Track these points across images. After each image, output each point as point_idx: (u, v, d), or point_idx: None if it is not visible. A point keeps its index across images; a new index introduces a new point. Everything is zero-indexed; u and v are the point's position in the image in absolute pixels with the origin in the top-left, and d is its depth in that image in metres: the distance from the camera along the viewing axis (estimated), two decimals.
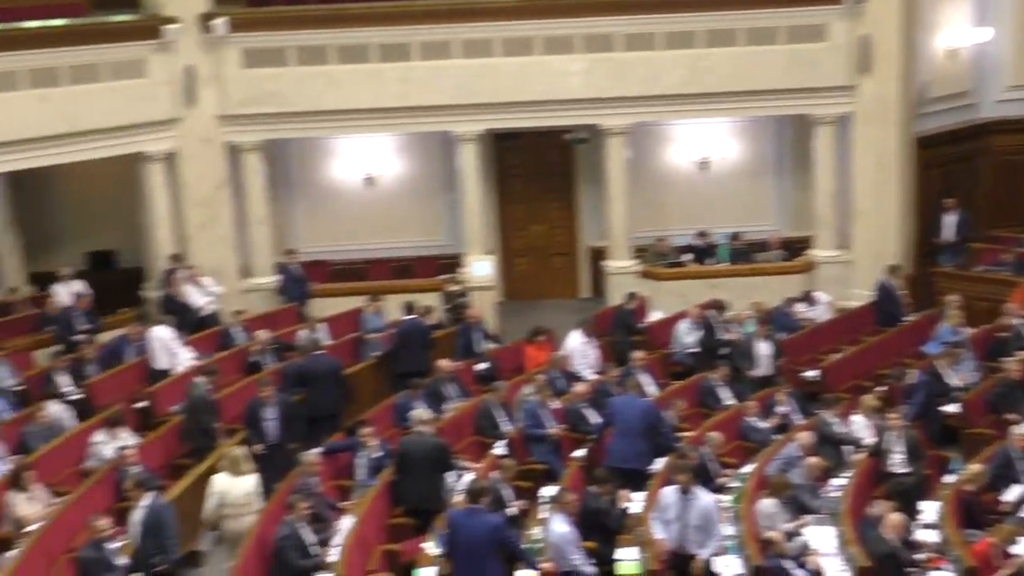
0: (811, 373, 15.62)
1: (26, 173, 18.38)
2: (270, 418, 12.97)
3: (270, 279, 18.71)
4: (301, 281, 18.44)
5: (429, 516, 11.57)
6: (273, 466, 12.49)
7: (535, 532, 11.05)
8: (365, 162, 20.20)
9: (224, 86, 18.11)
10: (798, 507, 11.33)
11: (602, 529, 10.97)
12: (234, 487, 11.37)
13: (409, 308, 16.22)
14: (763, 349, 15.34)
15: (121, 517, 11.56)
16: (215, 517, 11.39)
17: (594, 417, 13.52)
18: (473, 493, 10.25)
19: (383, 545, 11.36)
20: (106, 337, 16.76)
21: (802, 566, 10.13)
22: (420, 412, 12.68)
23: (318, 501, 11.58)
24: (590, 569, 10.56)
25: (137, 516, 10.84)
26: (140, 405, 14.84)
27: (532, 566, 10.20)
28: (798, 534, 10.79)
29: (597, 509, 11.03)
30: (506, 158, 20.53)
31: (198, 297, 17.48)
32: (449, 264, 19.45)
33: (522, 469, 12.66)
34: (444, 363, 14.84)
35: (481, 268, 18.96)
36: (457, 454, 12.85)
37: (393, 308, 16.77)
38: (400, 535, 11.67)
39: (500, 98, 18.24)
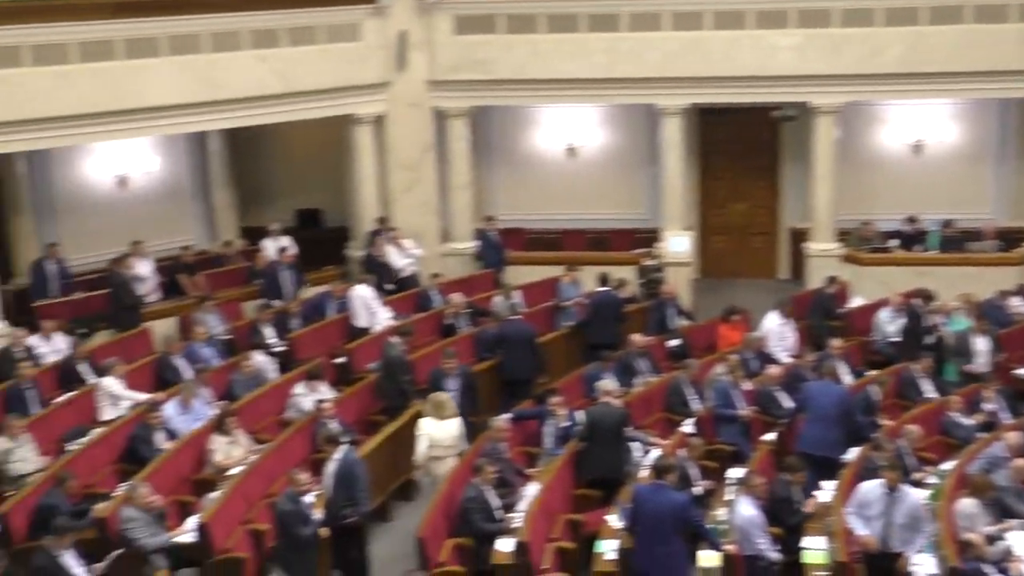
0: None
1: (243, 131, 19.16)
2: (452, 389, 13.10)
3: (469, 244, 18.96)
4: (498, 248, 18.62)
5: (613, 488, 11.55)
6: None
7: (720, 513, 10.88)
8: (568, 132, 20.20)
9: (434, 52, 18.38)
10: (1002, 510, 10.78)
11: (787, 517, 10.72)
12: (440, 430, 12.06)
13: (603, 280, 16.18)
14: (980, 344, 14.64)
15: (316, 468, 11.94)
16: (423, 460, 12.04)
17: (786, 401, 13.21)
18: (660, 469, 10.15)
19: (567, 514, 11.39)
20: (310, 293, 17.34)
21: (1003, 572, 9.66)
22: (606, 383, 12.67)
23: (505, 466, 11.70)
24: (775, 555, 10.34)
25: (330, 468, 11.16)
26: (339, 360, 15.30)
27: (715, 547, 10.07)
28: (1001, 538, 10.27)
29: (786, 498, 10.77)
30: (710, 133, 20.18)
31: (398, 258, 17.86)
32: (646, 238, 19.28)
33: (710, 449, 12.48)
34: (636, 337, 14.76)
35: (678, 244, 18.73)
36: (644, 428, 12.78)
37: (588, 279, 16.76)
38: (584, 505, 11.68)
39: (707, 72, 17.92)
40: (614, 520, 10.85)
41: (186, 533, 10.84)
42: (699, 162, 20.25)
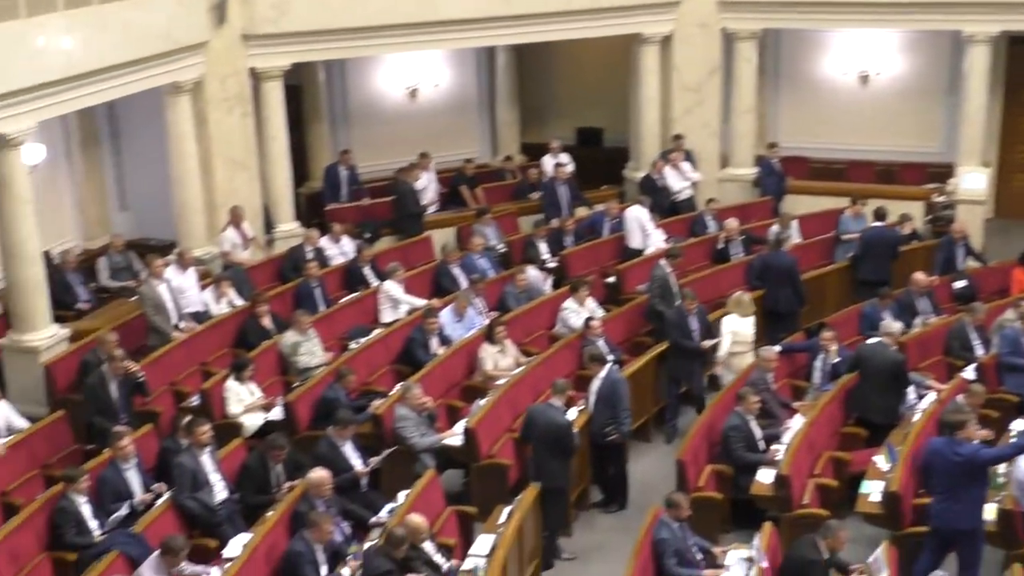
0: None
1: (530, 48, 19.33)
2: (694, 328, 12.70)
3: (748, 171, 18.54)
4: (779, 176, 18.11)
5: (884, 430, 11.17)
6: (688, 374, 12.67)
7: (1000, 467, 10.32)
8: (860, 58, 19.31)
9: None
10: None
11: None
12: (742, 326, 12.59)
13: (879, 215, 15.49)
14: None
15: (581, 384, 12.12)
16: (725, 356, 12.55)
17: None
18: (950, 426, 9.63)
19: (831, 451, 11.12)
20: (586, 211, 17.45)
21: None
22: (891, 324, 12.21)
23: (770, 397, 11.52)
24: None
25: (594, 386, 11.29)
26: (610, 280, 15.39)
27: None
28: None
29: None
30: (1020, 65, 18.81)
31: (676, 181, 17.69)
32: (938, 173, 18.28)
33: (991, 397, 11.82)
34: (919, 276, 14.07)
35: (974, 180, 17.63)
36: (921, 371, 12.26)
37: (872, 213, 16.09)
38: (850, 444, 11.37)
39: None
40: (881, 461, 10.51)
41: (454, 436, 11.25)
42: (1004, 95, 18.93)
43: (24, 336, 12.76)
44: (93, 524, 9.67)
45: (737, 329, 12.66)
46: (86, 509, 9.70)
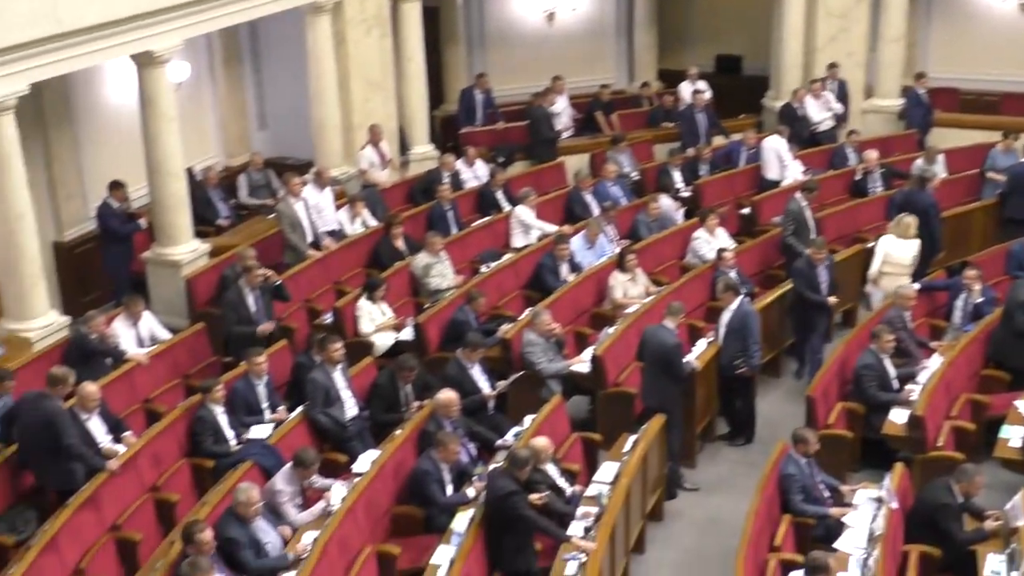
0: None
1: None
2: (823, 280, 12.07)
3: (894, 102, 17.92)
4: (926, 108, 17.45)
5: None
6: (811, 326, 12.16)
7: None
8: None
9: None
10: None
11: None
12: (898, 248, 12.44)
13: None
14: None
15: (711, 315, 11.99)
16: (875, 274, 12.47)
17: None
18: None
19: (970, 394, 10.81)
20: (722, 140, 17.14)
21: None
22: None
23: (907, 336, 11.23)
24: None
25: (725, 318, 11.16)
26: (744, 211, 15.12)
27: None
28: None
29: None
30: None
31: (817, 112, 17.21)
32: None
33: None
34: None
35: None
36: None
37: None
38: (991, 387, 11.04)
39: None
40: (1023, 406, 10.19)
41: (582, 363, 11.26)
42: None
43: (167, 250, 13.14)
44: (230, 434, 9.99)
45: (891, 250, 12.44)
46: (223, 419, 10.01)
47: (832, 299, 12.15)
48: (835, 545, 8.65)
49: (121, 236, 13.36)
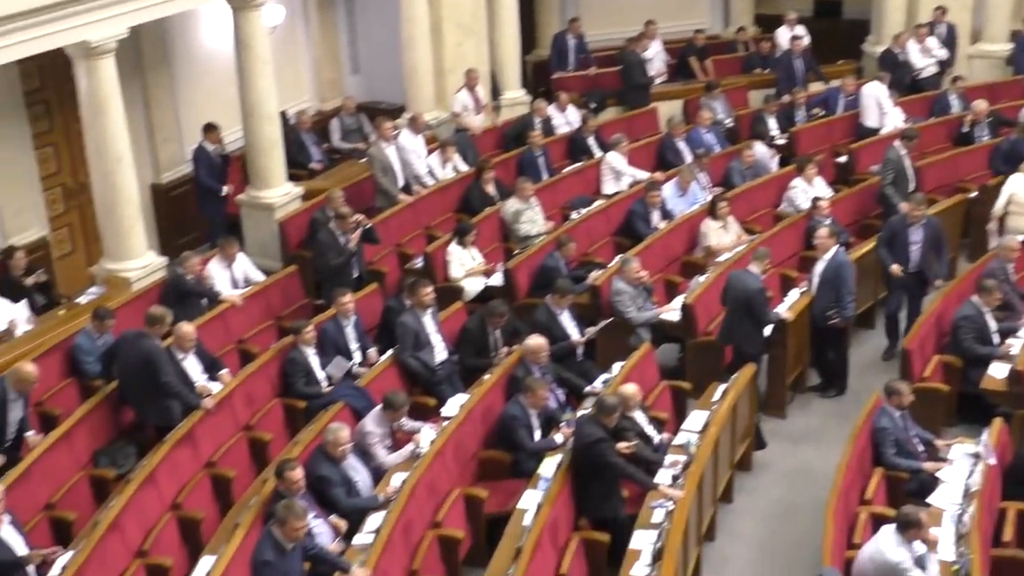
0: None
1: None
2: (914, 240, 11.33)
3: (1002, 46, 17.36)
4: None
5: None
6: (905, 293, 11.58)
7: None
8: None
9: None
10: None
11: None
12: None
13: None
14: None
15: (804, 265, 11.80)
16: (999, 212, 12.40)
17: None
18: None
19: None
20: (820, 87, 16.78)
21: None
22: None
23: (1009, 289, 10.93)
24: None
25: (818, 268, 10.97)
26: (841, 159, 14.82)
27: None
28: None
29: None
30: None
31: (919, 58, 16.74)
32: None
33: None
34: None
35: None
36: None
37: None
38: None
39: None
40: None
41: (672, 311, 11.17)
42: None
43: (261, 193, 13.29)
44: (321, 375, 10.13)
45: (1016, 191, 12.30)
46: (314, 360, 10.15)
47: (895, 268, 11.26)
48: (928, 500, 8.51)
49: (209, 188, 13.50)
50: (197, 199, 13.73)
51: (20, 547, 7.70)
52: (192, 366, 9.84)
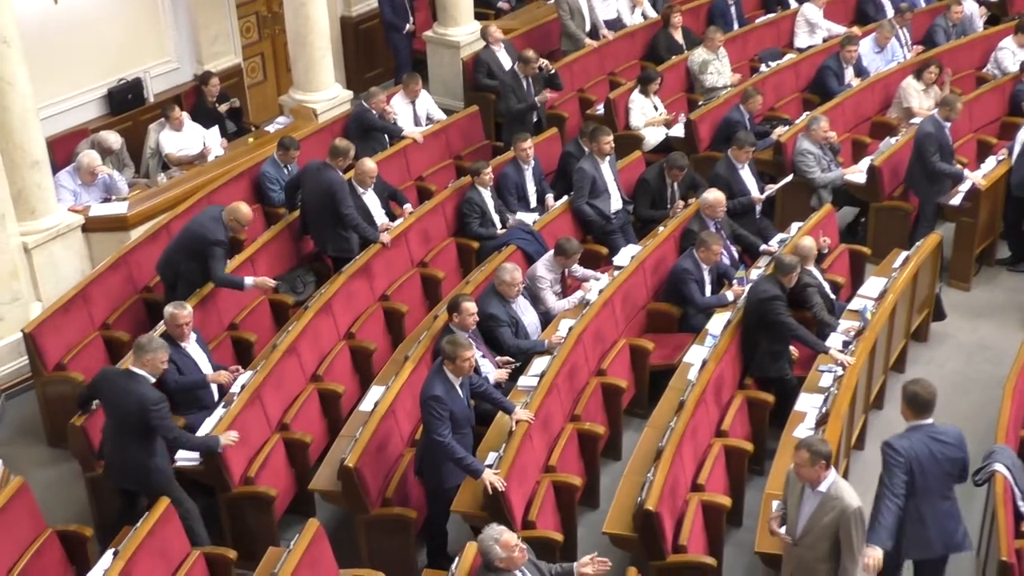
0: None
1: None
2: None
3: None
4: None
5: None
6: None
7: None
8: None
9: None
10: None
11: None
12: None
13: None
14: None
15: (1006, 131, 11.20)
16: None
17: None
18: None
19: None
20: None
21: None
22: None
23: None
24: None
25: (1022, 134, 10.39)
26: None
27: None
28: None
29: None
30: None
31: None
32: None
33: None
34: None
35: None
36: None
37: None
38: None
39: None
40: None
41: (858, 173, 10.78)
42: None
43: (448, 30, 13.26)
44: (496, 217, 10.21)
45: None
46: (490, 202, 10.23)
47: None
48: None
49: (392, 24, 13.49)
50: (384, 34, 13.80)
51: (204, 363, 8.13)
52: (372, 201, 10.04)
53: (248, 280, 8.97)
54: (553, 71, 11.84)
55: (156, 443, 7.22)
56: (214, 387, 8.19)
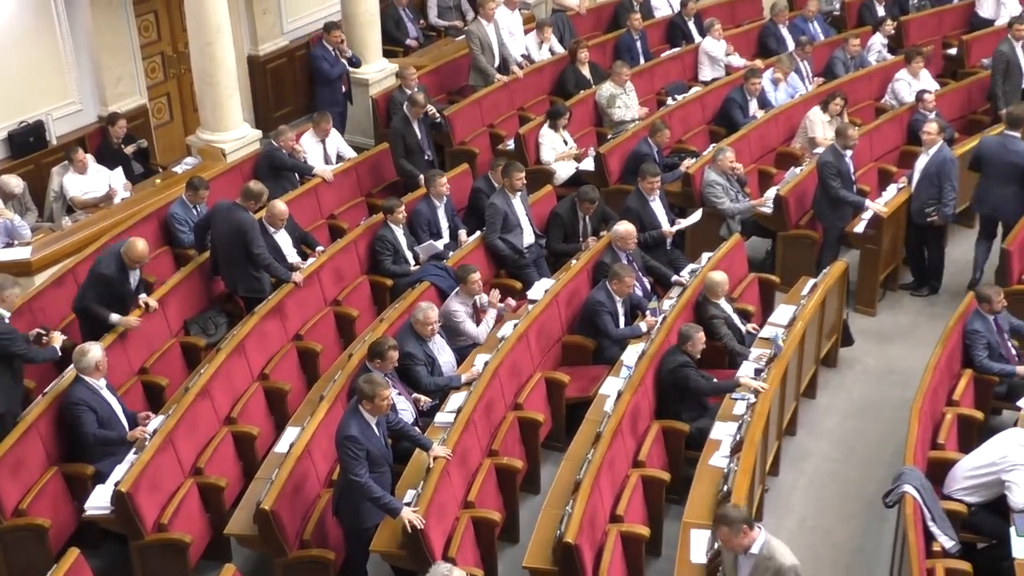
0: None
1: None
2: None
3: None
4: None
5: None
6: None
7: None
8: None
9: None
10: None
11: None
12: None
13: None
14: None
15: (905, 160, 11.49)
16: None
17: None
18: None
19: None
20: None
21: None
22: None
23: None
24: None
25: (920, 163, 10.66)
26: (950, 51, 14.31)
27: None
28: None
29: None
30: None
31: None
32: None
33: None
34: None
35: None
36: None
37: None
38: None
39: None
40: None
41: (764, 204, 10.96)
42: None
43: (357, 69, 13.25)
44: (409, 255, 10.20)
45: None
46: (403, 239, 10.22)
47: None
48: (1019, 404, 8.36)
49: (331, 78, 13.06)
50: (315, 94, 13.40)
51: (118, 408, 7.98)
52: (283, 240, 9.97)
53: (113, 317, 8.85)
54: (439, 120, 11.85)
55: None
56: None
